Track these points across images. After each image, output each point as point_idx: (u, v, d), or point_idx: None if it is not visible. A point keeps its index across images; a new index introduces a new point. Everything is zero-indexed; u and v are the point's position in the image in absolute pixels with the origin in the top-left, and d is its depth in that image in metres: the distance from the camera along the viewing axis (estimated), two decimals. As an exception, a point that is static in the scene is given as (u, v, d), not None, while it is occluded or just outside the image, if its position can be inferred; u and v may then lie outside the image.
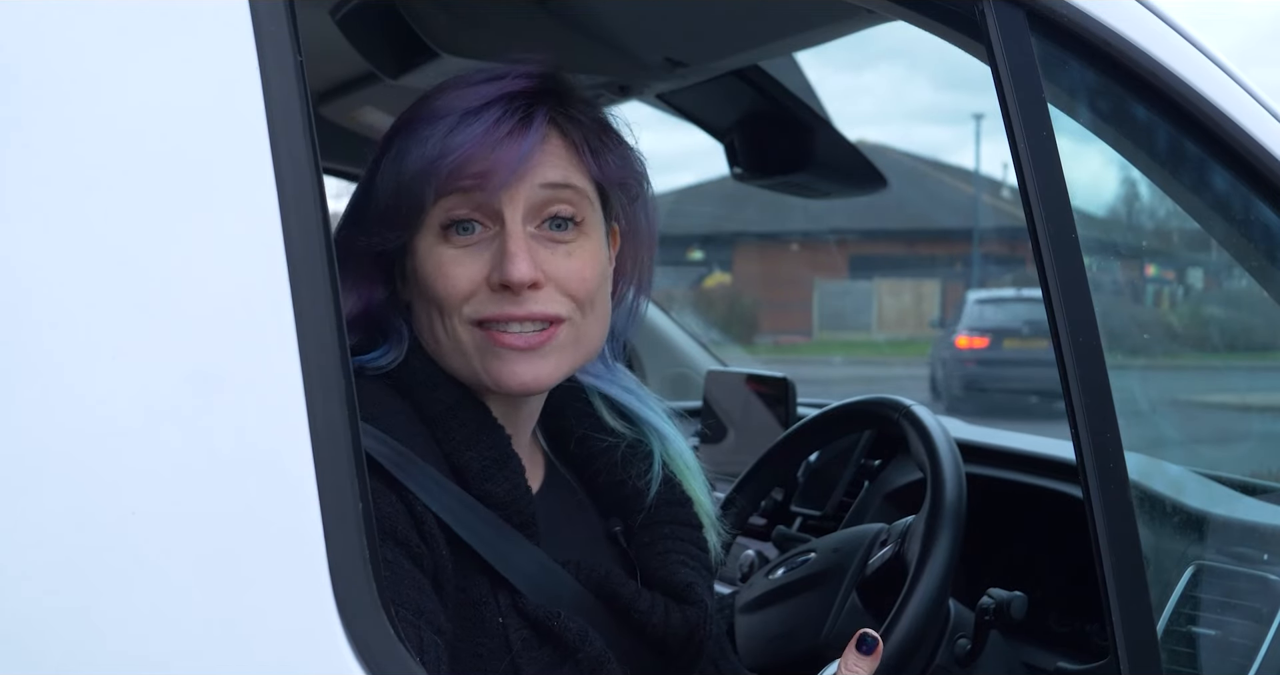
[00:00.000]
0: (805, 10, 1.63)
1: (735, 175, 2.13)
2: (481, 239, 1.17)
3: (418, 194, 1.16)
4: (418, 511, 1.11)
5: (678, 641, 1.25)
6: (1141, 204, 1.64)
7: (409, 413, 1.19)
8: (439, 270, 1.17)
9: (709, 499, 1.38)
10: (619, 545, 1.32)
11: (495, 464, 1.18)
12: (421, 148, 1.16)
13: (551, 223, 1.19)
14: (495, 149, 1.15)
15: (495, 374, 1.17)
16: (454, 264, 1.17)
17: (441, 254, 1.17)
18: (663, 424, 1.35)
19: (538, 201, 1.18)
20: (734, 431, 2.71)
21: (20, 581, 0.76)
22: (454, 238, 1.17)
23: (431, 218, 1.17)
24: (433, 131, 1.16)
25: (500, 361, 1.17)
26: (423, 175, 1.15)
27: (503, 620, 1.15)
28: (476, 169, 1.15)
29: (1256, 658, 1.51)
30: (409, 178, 1.16)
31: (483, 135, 1.15)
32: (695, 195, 27.70)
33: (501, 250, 1.15)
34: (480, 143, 1.15)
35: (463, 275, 1.16)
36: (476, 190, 1.15)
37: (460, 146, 1.15)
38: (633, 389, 1.36)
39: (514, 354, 1.16)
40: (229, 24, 0.85)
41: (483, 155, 1.15)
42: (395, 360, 1.20)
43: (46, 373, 0.78)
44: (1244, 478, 1.83)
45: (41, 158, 0.80)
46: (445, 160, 1.15)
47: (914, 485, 2.15)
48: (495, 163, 1.15)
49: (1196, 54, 1.30)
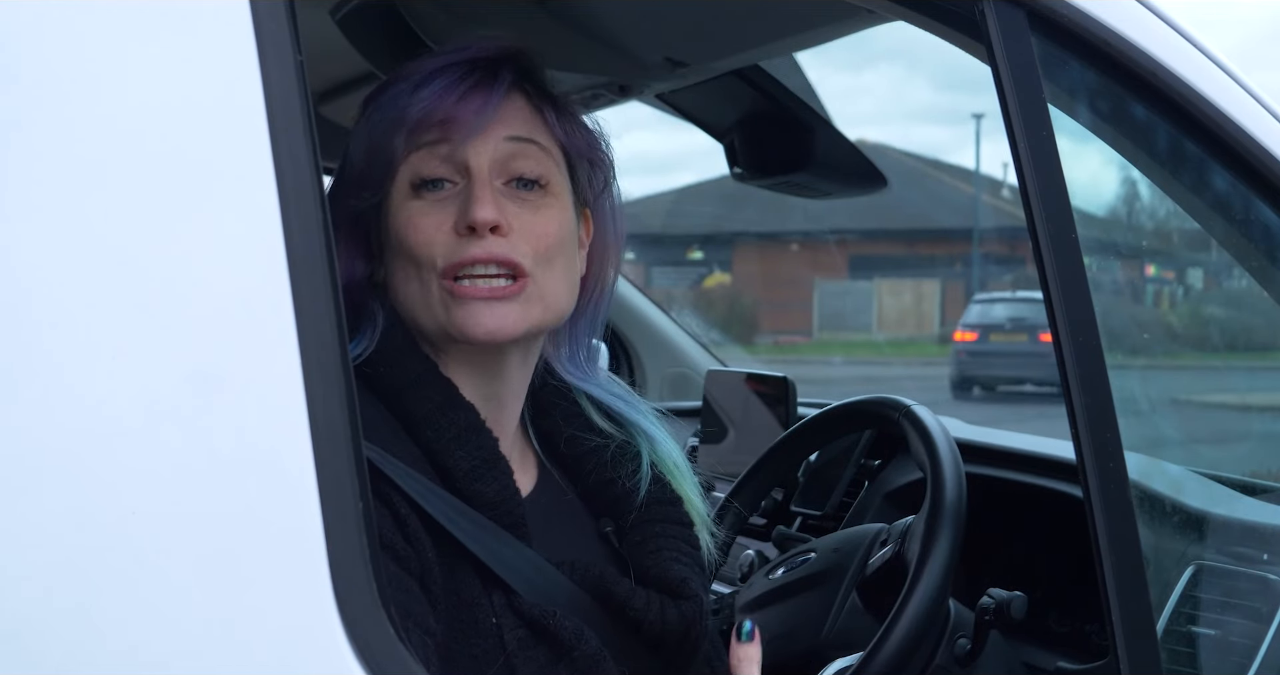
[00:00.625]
0: (805, 10, 1.63)
1: (735, 175, 2.13)
2: (451, 193, 1.21)
3: (387, 147, 1.21)
4: (402, 515, 1.11)
5: (674, 638, 1.26)
6: (1141, 204, 1.64)
7: (385, 416, 1.19)
8: (409, 222, 1.21)
9: (700, 498, 1.39)
10: (611, 545, 1.32)
11: (484, 464, 1.19)
12: (391, 104, 1.21)
13: (519, 183, 1.22)
14: (460, 99, 1.20)
15: (460, 323, 1.19)
16: (422, 216, 1.20)
17: (412, 208, 1.21)
18: (649, 425, 1.36)
19: (503, 155, 1.22)
20: (734, 431, 2.71)
21: (20, 581, 0.76)
22: (425, 194, 1.21)
23: (401, 176, 1.21)
24: (399, 89, 1.22)
25: (465, 311, 1.19)
26: (391, 128, 1.21)
27: (496, 621, 1.15)
28: (441, 117, 1.19)
29: (1256, 657, 1.51)
30: (378, 133, 1.21)
31: (447, 88, 1.20)
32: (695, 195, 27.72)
33: (467, 196, 1.19)
34: (445, 94, 1.20)
35: (431, 224, 1.20)
36: (443, 142, 1.20)
37: (426, 98, 1.20)
38: (618, 392, 1.37)
39: (478, 303, 1.19)
40: (229, 24, 0.85)
41: (448, 104, 1.20)
42: (368, 349, 1.21)
43: (46, 372, 0.78)
44: (1244, 478, 1.83)
45: (42, 158, 0.80)
46: (411, 111, 1.20)
47: (914, 485, 2.15)
48: (460, 111, 1.19)
49: (1196, 54, 1.31)
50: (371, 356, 1.21)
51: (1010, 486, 2.07)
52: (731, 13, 1.66)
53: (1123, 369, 1.24)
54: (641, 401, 1.38)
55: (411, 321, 1.23)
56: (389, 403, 1.20)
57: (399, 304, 1.23)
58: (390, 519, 1.10)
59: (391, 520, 1.10)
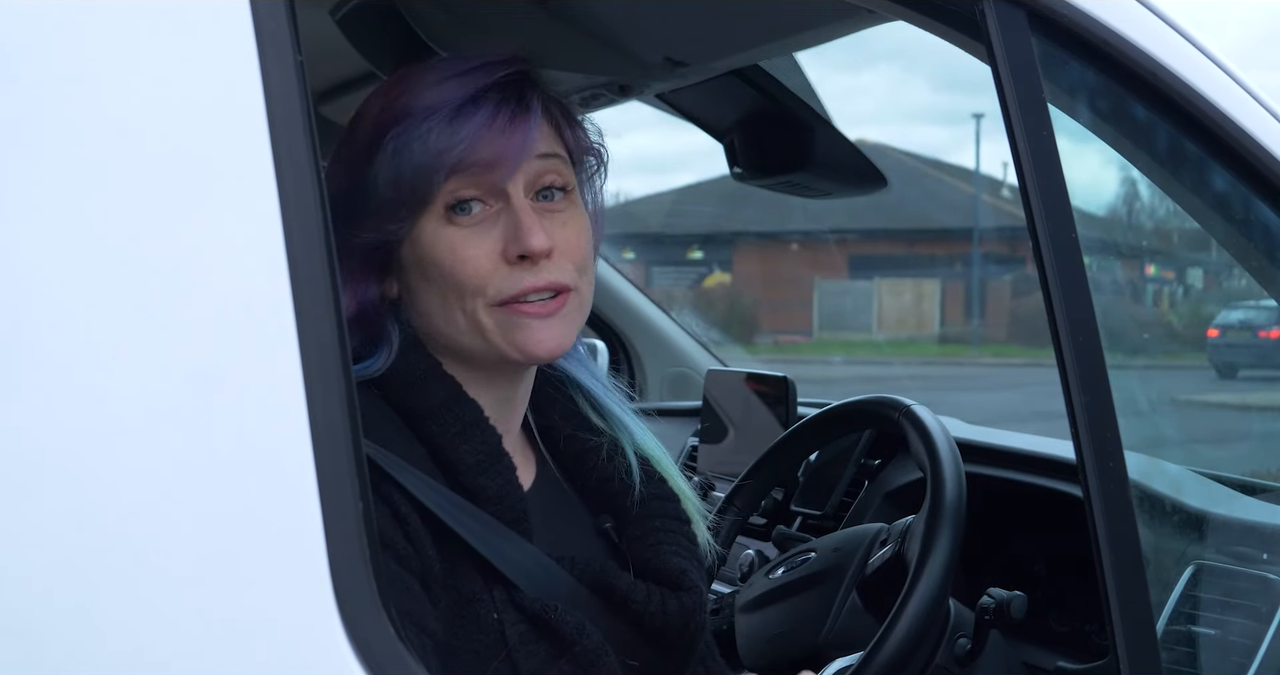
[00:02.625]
0: (805, 10, 1.63)
1: (735, 175, 2.13)
2: (485, 216, 1.20)
3: (424, 185, 1.19)
4: (402, 513, 1.12)
5: (675, 630, 1.27)
6: (1141, 204, 1.64)
7: (389, 413, 1.20)
8: (453, 253, 1.19)
9: (694, 494, 1.40)
10: (610, 541, 1.33)
11: (487, 458, 1.19)
12: (424, 141, 1.18)
13: (541, 194, 1.23)
14: (502, 136, 1.18)
15: (522, 344, 1.20)
16: (467, 245, 1.19)
17: (452, 236, 1.20)
18: (630, 420, 1.37)
19: (534, 173, 1.22)
20: (734, 431, 2.71)
21: (21, 581, 0.76)
22: (457, 219, 1.20)
23: (435, 205, 1.20)
24: (432, 124, 1.19)
25: (526, 332, 1.20)
26: (429, 168, 1.18)
27: (498, 616, 1.15)
28: (485, 155, 1.18)
29: (1256, 657, 1.51)
30: (413, 170, 1.19)
31: (486, 123, 1.18)
32: (695, 195, 27.73)
33: (514, 224, 1.19)
34: (486, 129, 1.18)
35: (480, 254, 1.19)
36: (485, 173, 1.19)
37: (466, 137, 1.18)
38: (604, 381, 1.39)
39: (537, 322, 1.20)
40: (229, 24, 0.85)
41: (489, 141, 1.18)
42: (385, 366, 1.21)
43: (47, 372, 0.78)
44: (1244, 477, 1.83)
45: (42, 158, 0.80)
46: (452, 152, 1.18)
47: (914, 485, 2.15)
48: (504, 149, 1.18)
49: (1196, 54, 1.31)
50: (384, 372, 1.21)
51: (1010, 486, 2.07)
52: (731, 13, 1.66)
53: (1123, 369, 1.24)
54: (620, 393, 1.40)
55: (443, 341, 1.23)
56: (391, 400, 1.20)
57: (427, 326, 1.23)
58: (390, 517, 1.11)
59: (392, 519, 1.11)
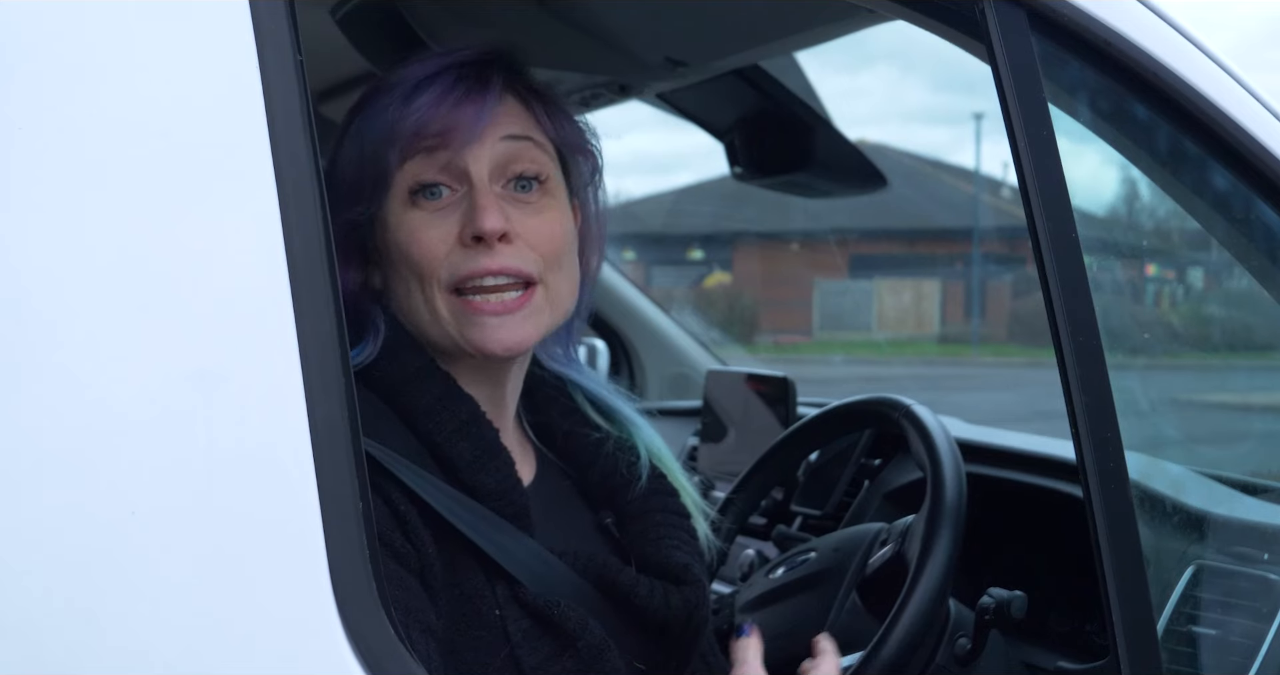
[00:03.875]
0: (805, 10, 1.63)
1: (735, 175, 2.13)
2: (450, 202, 1.20)
3: (381, 159, 1.19)
4: (401, 511, 1.12)
5: (678, 623, 1.27)
6: (1141, 203, 1.64)
7: (386, 412, 1.19)
8: (411, 235, 1.19)
9: (694, 488, 1.41)
10: (611, 536, 1.33)
11: (485, 454, 1.19)
12: (381, 115, 1.19)
13: (517, 183, 1.21)
14: (454, 107, 1.18)
15: (476, 341, 1.19)
16: (425, 227, 1.19)
17: (413, 219, 1.19)
18: (637, 418, 1.37)
19: (501, 157, 1.20)
20: (734, 431, 2.71)
21: (21, 580, 0.76)
22: (422, 202, 1.19)
23: (398, 185, 1.20)
24: (390, 99, 1.19)
25: (480, 329, 1.19)
26: (384, 140, 1.19)
27: (500, 612, 1.15)
28: (438, 127, 1.18)
29: (1257, 657, 1.51)
30: (371, 145, 1.19)
31: (440, 95, 1.18)
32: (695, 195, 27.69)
33: (471, 205, 1.18)
34: (439, 102, 1.18)
35: (435, 236, 1.18)
36: (440, 149, 1.18)
37: (419, 108, 1.18)
38: (602, 383, 1.39)
39: (493, 319, 1.18)
40: (229, 24, 0.85)
41: (443, 114, 1.18)
42: (371, 355, 1.21)
43: (48, 372, 0.78)
44: (1244, 477, 1.83)
45: (42, 157, 0.80)
46: (405, 122, 1.18)
47: (914, 485, 2.15)
48: (456, 119, 1.18)
49: (1197, 54, 1.31)
50: (381, 366, 1.21)
51: (1010, 486, 2.07)
52: (731, 13, 1.66)
53: (1123, 369, 1.24)
54: (623, 394, 1.40)
55: (416, 331, 1.22)
56: (388, 398, 1.20)
57: (401, 313, 1.22)
58: (389, 516, 1.11)
59: (390, 517, 1.11)
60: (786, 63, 1.99)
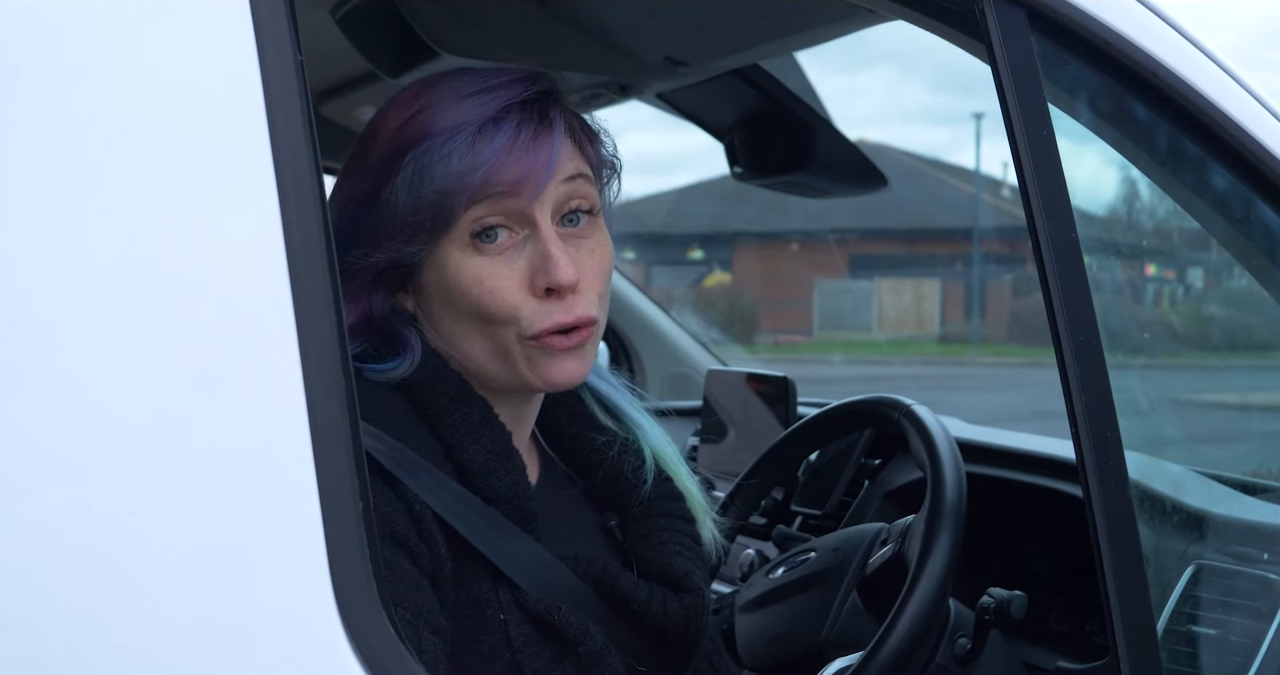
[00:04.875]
0: (805, 10, 1.63)
1: (735, 174, 2.13)
2: (511, 244, 1.18)
3: (447, 209, 1.16)
4: (416, 511, 1.12)
5: (676, 630, 1.26)
6: (1141, 203, 1.64)
7: (407, 410, 1.19)
8: (481, 284, 1.18)
9: (700, 492, 1.40)
10: (614, 539, 1.33)
11: (498, 458, 1.19)
12: (446, 163, 1.16)
13: (566, 218, 1.21)
14: (525, 155, 1.16)
15: (547, 374, 1.20)
16: (494, 276, 1.18)
17: (479, 266, 1.18)
18: (645, 420, 1.37)
19: (561, 197, 1.20)
20: (734, 431, 2.71)
21: (22, 579, 0.76)
22: (483, 246, 1.18)
23: (459, 229, 1.18)
24: (454, 146, 1.16)
25: (553, 362, 1.20)
26: (452, 191, 1.16)
27: (503, 617, 1.15)
28: (508, 177, 1.16)
29: (1257, 657, 1.51)
30: (435, 193, 1.16)
31: (509, 144, 1.16)
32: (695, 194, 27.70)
33: (542, 254, 1.17)
34: (508, 150, 1.16)
35: (506, 285, 1.18)
36: (509, 197, 1.17)
37: (490, 158, 1.16)
38: (613, 383, 1.39)
39: (564, 354, 1.20)
40: (229, 24, 0.85)
41: (513, 162, 1.16)
42: (408, 371, 1.20)
43: (48, 371, 0.78)
44: (1244, 477, 1.83)
45: (43, 158, 0.80)
46: (476, 174, 1.15)
47: (914, 485, 2.15)
48: (528, 169, 1.16)
49: (1197, 53, 1.31)
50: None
51: (1010, 486, 2.07)
52: (731, 13, 1.66)
53: (1123, 369, 1.24)
54: (632, 395, 1.40)
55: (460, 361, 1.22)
56: (407, 397, 1.21)
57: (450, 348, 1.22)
58: (406, 514, 1.11)
59: (407, 516, 1.11)
60: (786, 63, 1.99)
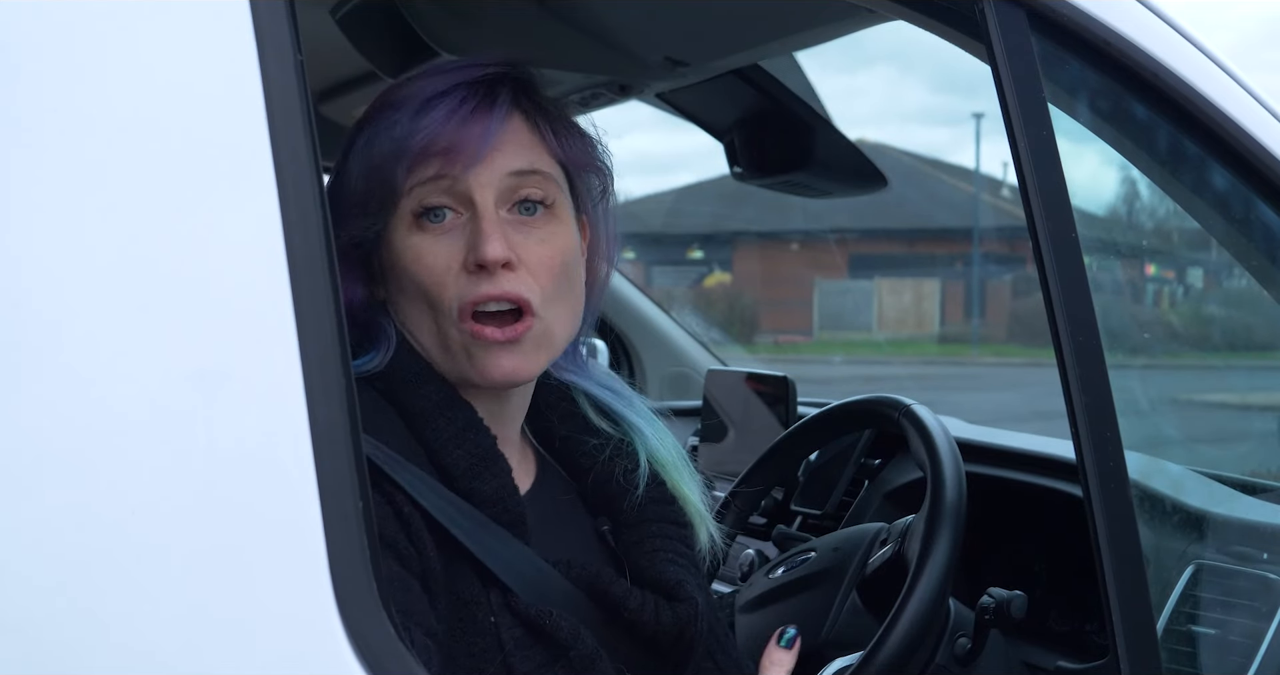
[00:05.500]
0: (805, 10, 1.63)
1: (735, 175, 2.13)
2: (454, 225, 1.20)
3: (388, 176, 1.19)
4: (405, 513, 1.11)
5: (668, 639, 1.25)
6: (1141, 203, 1.64)
7: (390, 414, 1.20)
8: (417, 260, 1.20)
9: (700, 495, 1.38)
10: (608, 544, 1.32)
11: (481, 462, 1.19)
12: (390, 131, 1.20)
13: (521, 206, 1.22)
14: (461, 126, 1.18)
15: (480, 367, 1.20)
16: (430, 253, 1.19)
17: (419, 244, 1.20)
18: (644, 423, 1.36)
19: (507, 188, 1.21)
20: (734, 431, 2.71)
21: (22, 579, 0.76)
22: (427, 225, 1.20)
23: (403, 208, 1.20)
24: (399, 116, 1.20)
25: (486, 354, 1.19)
26: (392, 156, 1.19)
27: (494, 619, 1.15)
28: (443, 145, 1.18)
29: (1256, 657, 1.51)
30: (379, 161, 1.20)
31: (447, 114, 1.19)
32: (695, 194, 27.70)
33: (476, 231, 1.18)
34: (445, 121, 1.19)
35: (439, 261, 1.19)
36: (444, 176, 1.19)
37: (426, 126, 1.18)
38: (612, 386, 1.38)
39: (496, 347, 1.19)
40: (229, 24, 0.85)
41: (449, 132, 1.18)
42: (382, 363, 1.21)
43: (48, 371, 0.78)
44: (1244, 477, 1.83)
45: (43, 157, 0.80)
46: (412, 140, 1.18)
47: (914, 484, 2.15)
48: (461, 139, 1.18)
49: (1197, 54, 1.31)
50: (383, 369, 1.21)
51: (1010, 486, 2.07)
52: (731, 13, 1.66)
53: (1123, 369, 1.24)
54: (638, 398, 1.39)
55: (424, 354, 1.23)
56: (390, 398, 1.21)
57: (409, 336, 1.23)
58: (394, 517, 1.11)
59: (395, 518, 1.11)
60: (786, 63, 1.99)
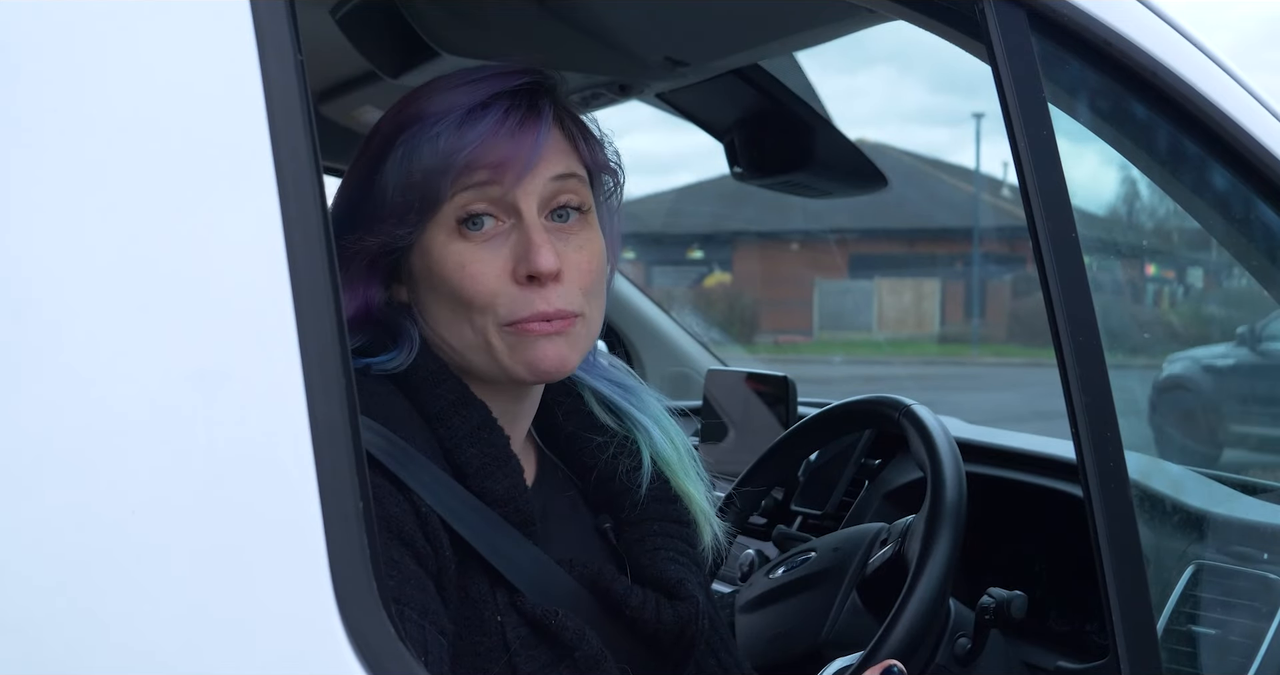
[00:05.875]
0: (805, 10, 1.63)
1: (735, 174, 2.13)
2: (497, 232, 1.19)
3: (433, 189, 1.18)
4: (423, 512, 1.12)
5: (669, 637, 1.26)
6: (1141, 203, 1.64)
7: (410, 410, 1.20)
8: (462, 269, 1.19)
9: (704, 492, 1.39)
10: (609, 542, 1.32)
11: (495, 461, 1.19)
12: (434, 143, 1.18)
13: (556, 213, 1.22)
14: (510, 139, 1.18)
15: (529, 360, 1.19)
16: (476, 262, 1.19)
17: (461, 251, 1.19)
18: (652, 420, 1.36)
19: (548, 195, 1.21)
20: (734, 431, 2.71)
21: (22, 580, 0.76)
22: (468, 233, 1.19)
23: (444, 215, 1.19)
24: (442, 128, 1.18)
25: (534, 348, 1.19)
26: (438, 170, 1.18)
27: (501, 619, 1.15)
28: (492, 160, 1.17)
29: (1256, 657, 1.51)
30: (422, 173, 1.18)
31: (495, 127, 1.18)
32: (695, 194, 27.71)
33: (525, 242, 1.18)
34: (494, 134, 1.18)
35: (488, 271, 1.18)
36: (492, 184, 1.18)
37: (474, 140, 1.17)
38: (623, 382, 1.38)
39: (543, 339, 1.19)
40: (230, 24, 0.85)
41: (497, 146, 1.17)
42: (405, 363, 1.21)
43: (49, 371, 0.78)
44: (1244, 477, 1.83)
45: (43, 157, 0.80)
46: (461, 154, 1.17)
47: (914, 484, 2.15)
48: (511, 153, 1.17)
49: (1197, 53, 1.31)
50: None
51: (1010, 486, 2.07)
52: (731, 13, 1.66)
53: (1123, 369, 1.24)
54: (650, 394, 1.39)
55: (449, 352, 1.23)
56: (409, 397, 1.21)
57: (435, 336, 1.23)
58: (413, 515, 1.11)
59: (414, 516, 1.11)
60: (786, 63, 1.99)
